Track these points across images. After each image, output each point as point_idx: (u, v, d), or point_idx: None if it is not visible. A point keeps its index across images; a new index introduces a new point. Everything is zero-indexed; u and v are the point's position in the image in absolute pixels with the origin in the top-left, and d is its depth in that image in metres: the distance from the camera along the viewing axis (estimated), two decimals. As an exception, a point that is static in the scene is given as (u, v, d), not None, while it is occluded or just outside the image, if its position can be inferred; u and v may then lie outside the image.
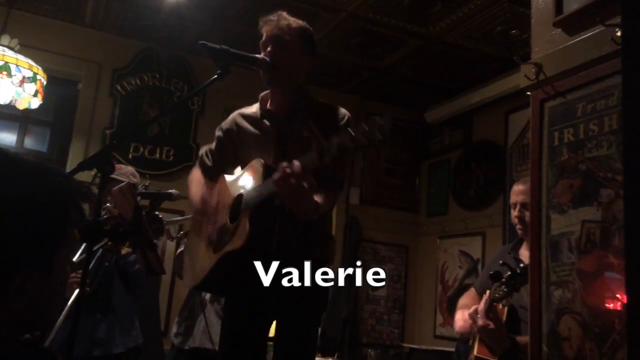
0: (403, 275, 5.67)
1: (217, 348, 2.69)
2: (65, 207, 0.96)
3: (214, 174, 2.08)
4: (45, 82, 4.01)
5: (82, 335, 2.82)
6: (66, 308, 2.48)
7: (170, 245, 4.64)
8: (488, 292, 2.46)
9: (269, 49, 1.99)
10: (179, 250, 3.00)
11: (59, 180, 0.96)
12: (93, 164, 1.49)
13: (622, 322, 1.56)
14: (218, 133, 2.19)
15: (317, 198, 1.75)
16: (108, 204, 2.62)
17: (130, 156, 4.65)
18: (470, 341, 2.48)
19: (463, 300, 2.67)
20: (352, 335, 5.13)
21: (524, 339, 2.12)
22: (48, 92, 4.22)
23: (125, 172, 3.06)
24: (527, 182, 2.44)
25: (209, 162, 2.16)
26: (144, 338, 3.14)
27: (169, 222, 2.84)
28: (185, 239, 2.93)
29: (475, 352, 2.31)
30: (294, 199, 1.64)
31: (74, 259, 2.50)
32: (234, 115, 2.17)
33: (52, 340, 2.50)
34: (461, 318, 2.49)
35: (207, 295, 2.85)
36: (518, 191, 2.47)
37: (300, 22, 2.07)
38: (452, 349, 3.25)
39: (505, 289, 2.15)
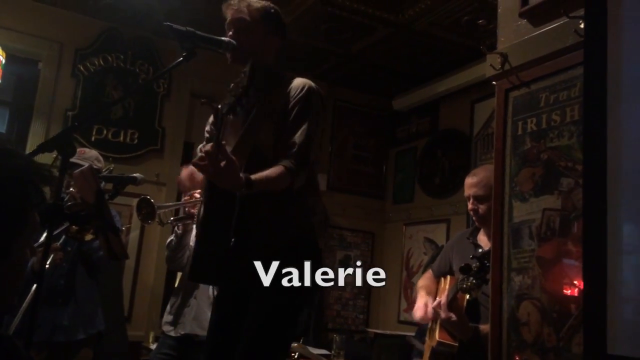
0: (369, 262, 5.73)
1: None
2: (24, 189, 0.93)
3: None
4: (4, 61, 3.88)
5: (44, 321, 2.78)
6: (29, 295, 2.43)
7: (135, 230, 4.59)
8: (449, 280, 2.50)
9: (230, 32, 1.98)
10: (168, 240, 2.94)
11: (18, 162, 0.94)
12: (54, 146, 1.46)
13: (579, 308, 1.61)
14: (207, 128, 2.17)
15: (257, 175, 1.74)
16: (71, 189, 2.56)
17: (93, 139, 4.54)
18: (430, 324, 2.53)
19: (422, 281, 2.73)
20: (317, 321, 5.17)
21: (485, 327, 2.17)
22: (7, 71, 4.09)
23: (89, 157, 3.00)
24: (478, 174, 2.50)
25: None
26: (107, 324, 3.11)
27: (160, 206, 2.78)
28: (177, 227, 2.88)
29: (437, 336, 2.36)
30: (213, 177, 1.66)
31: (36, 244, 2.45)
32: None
33: (16, 326, 2.45)
34: (421, 307, 2.53)
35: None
36: (470, 184, 2.50)
37: (264, 3, 2.04)
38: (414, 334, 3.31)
39: (474, 281, 2.19)
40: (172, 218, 2.89)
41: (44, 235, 2.25)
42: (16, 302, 2.51)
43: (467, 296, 2.31)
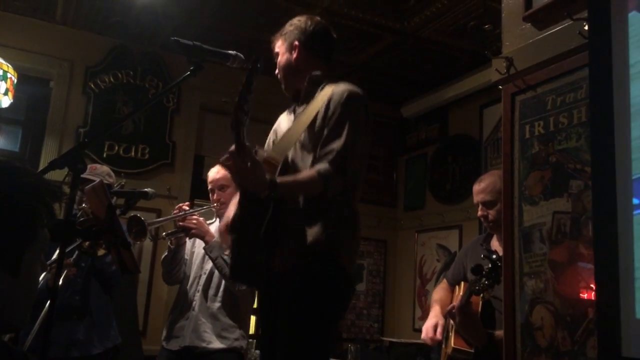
0: (382, 270, 5.71)
1: (207, 346, 2.68)
2: (34, 206, 0.95)
3: None
4: (16, 81, 3.94)
5: (60, 337, 2.79)
6: (43, 311, 2.45)
7: (148, 245, 4.61)
8: (463, 286, 2.48)
9: (279, 59, 2.08)
10: (164, 255, 2.95)
11: (27, 179, 0.95)
12: (64, 162, 1.47)
13: (593, 311, 1.60)
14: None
15: (284, 177, 1.75)
16: (84, 205, 2.58)
17: (104, 155, 4.59)
18: (446, 332, 2.51)
19: (437, 294, 2.69)
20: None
21: (500, 333, 2.15)
22: (19, 91, 4.14)
23: (100, 172, 3.03)
24: (484, 180, 2.49)
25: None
26: (122, 338, 3.12)
27: (150, 223, 2.81)
28: (170, 242, 2.89)
29: (452, 343, 2.34)
30: (237, 177, 1.69)
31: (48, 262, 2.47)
32: None
33: (30, 343, 2.47)
34: (430, 329, 2.47)
35: (197, 295, 2.81)
36: (477, 191, 2.50)
37: (303, 21, 2.11)
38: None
39: (486, 282, 2.17)
40: (164, 233, 2.90)
41: (57, 251, 2.28)
42: (30, 318, 2.53)
43: (481, 300, 2.29)
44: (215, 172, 2.93)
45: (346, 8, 4.10)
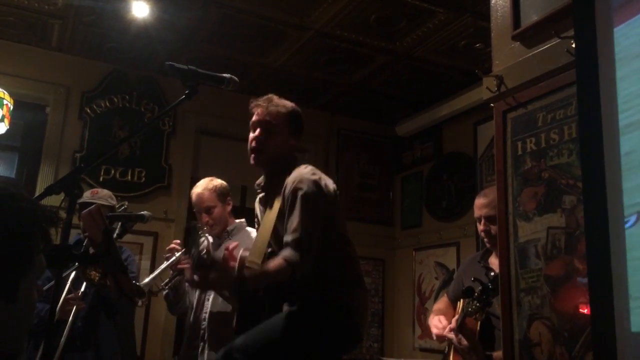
0: (380, 289, 5.69)
1: None
2: (30, 232, 0.95)
3: None
4: (12, 107, 3.96)
5: None
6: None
7: (145, 267, 4.59)
8: (460, 305, 2.48)
9: (257, 131, 2.11)
10: (164, 292, 2.91)
11: (23, 205, 0.96)
12: (61, 188, 1.48)
13: (589, 325, 1.60)
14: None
15: (253, 270, 1.84)
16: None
17: (101, 179, 4.59)
18: (446, 349, 2.50)
19: (437, 305, 2.70)
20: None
21: (498, 354, 2.14)
22: (15, 117, 4.17)
23: (102, 196, 3.05)
24: (488, 195, 2.48)
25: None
26: (120, 363, 3.10)
27: (145, 284, 2.74)
28: (167, 289, 2.85)
29: (451, 361, 2.34)
30: (206, 288, 1.95)
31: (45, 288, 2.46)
32: None
33: None
34: (436, 325, 2.50)
35: (204, 322, 2.77)
36: (480, 205, 2.48)
37: (289, 107, 2.18)
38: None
39: (477, 304, 2.18)
40: (162, 284, 2.84)
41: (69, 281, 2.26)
42: (28, 345, 2.52)
43: (476, 320, 2.29)
44: (196, 196, 2.88)
45: (339, 30, 4.15)
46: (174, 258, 2.74)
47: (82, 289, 2.71)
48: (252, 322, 1.91)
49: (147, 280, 2.72)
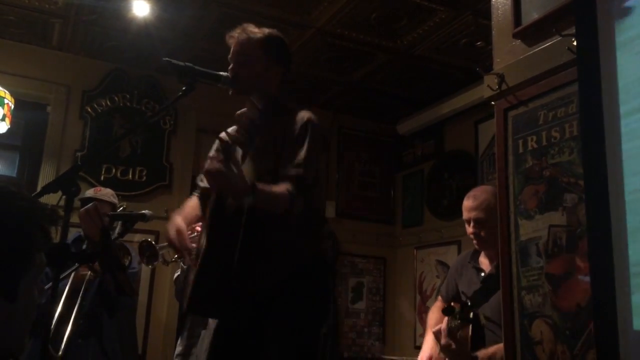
0: (381, 287, 5.69)
1: None
2: (29, 231, 0.95)
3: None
4: (13, 106, 3.96)
5: None
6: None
7: (146, 267, 4.59)
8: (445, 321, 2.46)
9: (231, 65, 2.02)
10: (175, 275, 2.94)
11: (22, 204, 0.96)
12: (58, 186, 1.48)
13: (591, 323, 1.60)
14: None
15: (263, 185, 1.79)
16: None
17: (102, 178, 4.59)
18: (438, 353, 2.49)
19: (432, 313, 2.66)
20: (333, 350, 5.11)
21: (484, 352, 2.14)
22: (16, 116, 4.17)
23: (104, 194, 3.08)
24: (477, 197, 2.45)
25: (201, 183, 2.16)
26: (121, 360, 3.11)
27: (162, 247, 2.77)
28: (183, 262, 2.86)
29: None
30: (219, 180, 1.73)
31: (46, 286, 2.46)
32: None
33: None
34: (424, 354, 2.48)
35: None
36: (469, 207, 2.44)
37: (265, 32, 2.07)
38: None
39: (458, 322, 2.17)
40: (176, 255, 2.87)
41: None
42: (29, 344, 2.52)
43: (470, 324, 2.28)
44: None
45: (340, 28, 4.15)
46: (193, 234, 2.76)
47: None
48: (224, 246, 1.83)
49: (163, 244, 2.76)
